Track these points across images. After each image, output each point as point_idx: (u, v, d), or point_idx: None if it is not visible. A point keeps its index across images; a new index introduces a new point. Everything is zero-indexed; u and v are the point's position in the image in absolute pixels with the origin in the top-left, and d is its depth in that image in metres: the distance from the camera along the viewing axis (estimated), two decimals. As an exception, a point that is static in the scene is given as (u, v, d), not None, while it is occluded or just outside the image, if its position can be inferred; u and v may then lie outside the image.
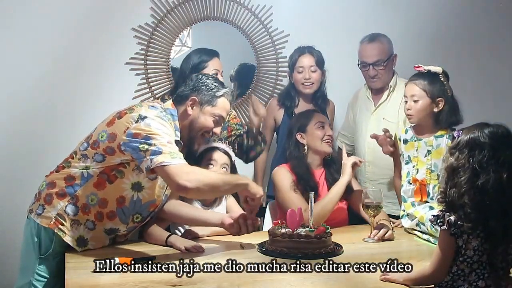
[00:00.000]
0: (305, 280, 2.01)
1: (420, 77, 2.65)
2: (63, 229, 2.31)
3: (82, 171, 2.31)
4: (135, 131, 2.23)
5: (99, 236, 2.38)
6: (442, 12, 4.01)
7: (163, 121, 2.31)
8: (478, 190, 1.78)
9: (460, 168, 1.81)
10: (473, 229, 1.78)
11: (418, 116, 2.65)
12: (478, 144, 1.81)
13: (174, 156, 2.19)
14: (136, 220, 2.42)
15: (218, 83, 2.50)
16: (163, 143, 2.21)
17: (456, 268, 1.82)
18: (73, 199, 2.31)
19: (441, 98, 2.62)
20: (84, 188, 2.31)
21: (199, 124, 2.44)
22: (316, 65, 3.21)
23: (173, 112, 2.42)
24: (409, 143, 2.72)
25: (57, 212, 2.30)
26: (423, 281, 1.91)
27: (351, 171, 2.74)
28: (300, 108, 3.27)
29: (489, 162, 1.79)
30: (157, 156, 2.18)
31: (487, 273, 1.79)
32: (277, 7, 3.76)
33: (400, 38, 3.21)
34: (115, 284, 1.97)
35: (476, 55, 4.07)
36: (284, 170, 2.83)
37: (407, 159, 2.71)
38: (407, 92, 2.69)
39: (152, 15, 3.61)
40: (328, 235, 2.37)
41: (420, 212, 2.58)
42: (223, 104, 2.47)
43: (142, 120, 2.25)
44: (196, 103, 2.42)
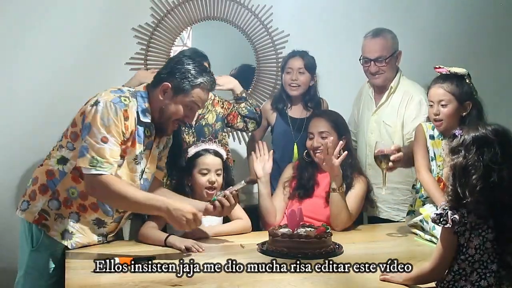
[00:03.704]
0: (305, 280, 2.01)
1: (447, 80, 2.51)
2: (47, 223, 2.32)
3: (58, 168, 2.32)
4: (85, 115, 2.24)
5: (86, 228, 2.37)
6: (442, 12, 4.01)
7: (113, 110, 2.22)
8: (492, 187, 1.77)
9: (470, 167, 1.79)
10: (480, 227, 1.78)
11: (448, 121, 2.51)
12: (486, 142, 1.80)
13: (94, 164, 2.17)
14: (120, 210, 2.42)
15: (198, 70, 2.34)
16: (96, 139, 2.18)
17: (457, 267, 1.82)
18: (54, 194, 2.32)
19: (469, 101, 2.50)
20: (63, 183, 2.32)
21: (169, 112, 2.33)
22: (305, 68, 3.21)
23: (142, 94, 2.35)
24: (436, 140, 2.58)
25: (41, 207, 2.32)
26: (422, 279, 1.91)
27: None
28: (293, 110, 3.29)
29: (501, 158, 1.78)
30: (81, 158, 2.19)
31: (488, 273, 1.79)
32: (277, 7, 3.76)
33: (400, 38, 3.20)
34: (115, 284, 1.97)
35: (476, 55, 4.07)
36: (290, 165, 2.98)
37: (432, 156, 2.58)
38: (433, 96, 2.52)
39: (152, 15, 3.61)
40: (328, 235, 2.37)
41: (427, 210, 2.55)
42: (198, 94, 2.33)
43: (95, 105, 2.24)
44: (169, 90, 2.31)
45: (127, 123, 2.26)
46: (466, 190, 1.79)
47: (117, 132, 2.22)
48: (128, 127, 2.26)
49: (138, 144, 2.33)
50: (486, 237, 1.79)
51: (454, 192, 1.83)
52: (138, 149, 2.34)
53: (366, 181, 2.86)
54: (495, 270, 1.79)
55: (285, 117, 3.28)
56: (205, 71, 2.37)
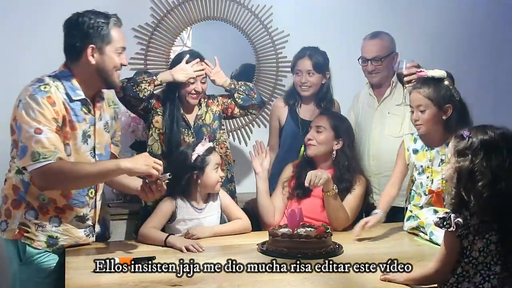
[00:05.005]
0: (305, 280, 2.01)
1: (424, 85, 2.51)
2: (30, 236, 2.28)
3: (19, 178, 2.28)
4: (15, 118, 2.20)
5: (70, 228, 2.34)
6: (442, 12, 4.01)
7: (36, 101, 2.17)
8: (500, 194, 1.74)
9: (477, 172, 1.76)
10: (483, 230, 1.77)
11: (427, 126, 2.53)
12: (494, 147, 1.77)
13: (36, 158, 2.13)
14: (91, 195, 2.38)
15: (102, 17, 2.30)
16: (30, 134, 2.14)
17: (461, 270, 1.81)
18: (28, 205, 2.28)
19: (449, 104, 2.49)
20: (30, 192, 2.28)
21: (107, 66, 2.28)
22: (314, 69, 3.17)
23: (64, 74, 2.29)
24: (420, 153, 2.61)
25: (19, 221, 2.28)
26: (425, 281, 1.90)
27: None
28: (303, 110, 3.28)
29: (510, 166, 1.75)
30: (22, 158, 2.16)
31: (492, 275, 1.78)
32: (277, 7, 3.76)
33: (400, 38, 3.20)
34: (115, 284, 1.98)
35: (476, 55, 4.07)
36: (289, 165, 2.99)
37: (420, 170, 2.61)
38: (412, 102, 2.55)
39: (152, 15, 3.61)
40: (328, 235, 2.37)
41: (425, 214, 2.57)
42: (118, 34, 2.30)
43: (18, 105, 2.20)
44: (95, 49, 2.26)
45: (55, 108, 2.19)
46: (471, 195, 1.77)
47: (48, 120, 2.16)
48: (59, 112, 2.20)
49: (78, 124, 2.28)
50: (490, 239, 1.78)
51: (458, 195, 1.80)
52: (80, 129, 2.29)
53: (366, 182, 2.89)
54: (499, 272, 1.78)
55: (295, 118, 3.26)
56: (105, 14, 2.33)
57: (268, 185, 2.92)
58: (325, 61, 3.22)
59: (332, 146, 2.86)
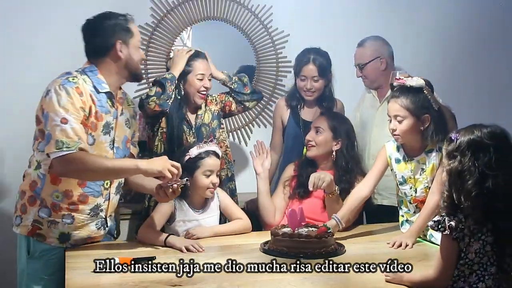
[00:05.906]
0: (305, 280, 2.01)
1: (402, 94, 2.45)
2: (42, 233, 2.34)
3: (37, 173, 2.34)
4: (43, 108, 2.27)
5: (82, 224, 2.38)
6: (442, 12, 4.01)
7: (65, 90, 2.25)
8: (487, 193, 1.75)
9: (465, 172, 1.77)
10: (479, 231, 1.77)
11: (405, 137, 2.49)
12: (481, 146, 1.77)
13: (60, 146, 2.20)
14: (107, 186, 2.42)
15: (119, 15, 2.44)
16: (56, 123, 2.21)
17: (457, 271, 1.81)
18: (42, 203, 2.34)
19: (427, 114, 2.45)
20: (45, 188, 2.33)
21: (135, 59, 2.41)
22: (319, 75, 3.16)
23: (90, 69, 2.38)
24: (401, 163, 2.58)
25: (33, 218, 2.34)
26: (426, 285, 1.89)
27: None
28: (306, 111, 3.26)
29: (496, 164, 1.75)
30: (47, 145, 2.22)
31: (487, 275, 1.78)
32: (277, 7, 3.76)
33: (400, 38, 3.20)
34: (115, 284, 1.98)
35: (476, 55, 4.07)
36: (290, 165, 3.01)
37: (401, 180, 2.58)
38: (390, 111, 2.50)
39: (152, 15, 3.61)
40: (329, 235, 2.37)
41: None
42: (135, 29, 2.45)
43: (47, 94, 2.28)
44: (122, 44, 2.38)
45: (83, 99, 2.28)
46: (461, 195, 1.78)
47: (75, 109, 2.25)
48: (85, 102, 2.28)
49: (104, 114, 2.36)
50: (486, 241, 1.78)
51: (449, 198, 1.81)
52: (105, 119, 2.36)
53: None
54: (494, 273, 1.78)
55: (297, 119, 3.26)
56: (117, 13, 2.45)
57: (269, 185, 2.93)
58: (329, 64, 3.21)
59: (331, 147, 2.87)
